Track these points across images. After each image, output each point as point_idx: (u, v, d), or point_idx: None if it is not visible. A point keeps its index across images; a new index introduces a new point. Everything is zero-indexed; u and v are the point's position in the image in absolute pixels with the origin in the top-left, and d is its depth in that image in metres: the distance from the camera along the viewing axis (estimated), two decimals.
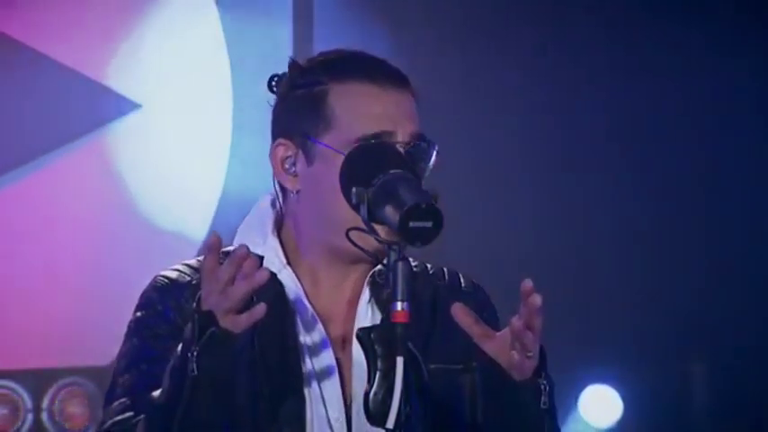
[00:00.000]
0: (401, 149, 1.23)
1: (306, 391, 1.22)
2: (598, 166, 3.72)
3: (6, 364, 3.25)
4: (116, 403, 1.20)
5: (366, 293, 1.27)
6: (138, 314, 1.27)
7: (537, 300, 1.09)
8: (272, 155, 1.30)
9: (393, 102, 1.27)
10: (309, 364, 1.24)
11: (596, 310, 3.59)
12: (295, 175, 1.29)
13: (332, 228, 1.24)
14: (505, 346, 1.13)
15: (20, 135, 3.42)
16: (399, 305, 1.06)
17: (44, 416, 3.25)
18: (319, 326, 1.25)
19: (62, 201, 3.55)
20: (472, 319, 1.14)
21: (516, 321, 1.10)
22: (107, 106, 3.59)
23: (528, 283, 1.10)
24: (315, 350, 1.25)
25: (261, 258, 1.26)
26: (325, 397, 1.23)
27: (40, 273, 3.40)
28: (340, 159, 1.22)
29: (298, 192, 1.29)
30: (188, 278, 1.27)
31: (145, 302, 1.28)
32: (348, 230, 1.15)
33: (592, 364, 3.55)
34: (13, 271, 3.32)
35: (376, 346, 1.12)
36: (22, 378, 3.24)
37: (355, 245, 1.16)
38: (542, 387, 1.16)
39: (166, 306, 1.25)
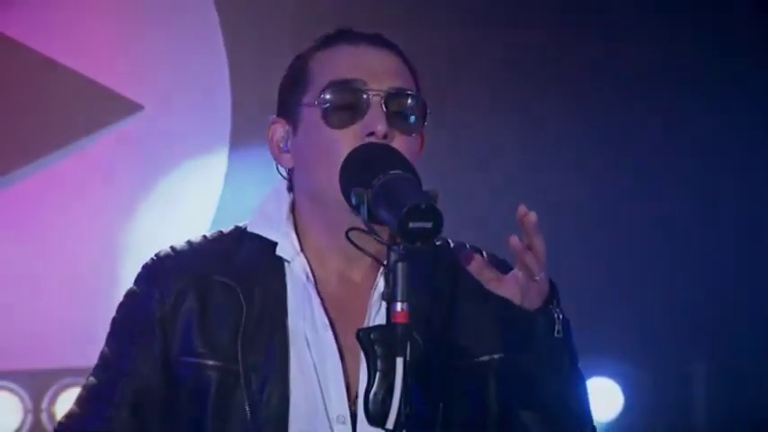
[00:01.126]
0: (374, 98, 1.23)
1: (291, 382, 1.20)
2: (605, 165, 3.74)
3: (6, 365, 3.25)
4: (77, 398, 1.26)
5: (380, 286, 1.25)
6: (130, 290, 1.30)
7: (532, 216, 1.11)
8: (269, 137, 1.31)
9: (367, 55, 1.28)
10: (304, 357, 1.22)
11: (599, 303, 3.59)
12: (288, 152, 1.29)
13: (322, 204, 1.24)
14: (517, 285, 1.14)
15: (22, 136, 3.42)
16: (399, 305, 1.06)
17: (44, 416, 3.24)
18: (324, 319, 1.23)
19: (63, 201, 3.55)
20: (482, 263, 1.14)
21: (517, 242, 1.11)
22: (109, 108, 3.59)
23: (522, 208, 1.12)
24: (316, 344, 1.22)
25: (274, 245, 1.26)
26: (325, 390, 1.21)
27: (41, 273, 3.40)
28: (317, 115, 1.23)
29: (292, 170, 1.30)
30: (175, 258, 1.28)
31: (134, 283, 1.30)
32: (348, 231, 1.15)
33: (593, 356, 3.54)
34: (13, 271, 3.32)
35: (376, 347, 1.12)
36: (22, 378, 3.24)
37: (356, 245, 1.16)
38: (556, 315, 1.17)
39: (150, 295, 1.26)
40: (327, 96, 1.23)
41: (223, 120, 3.72)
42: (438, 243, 1.31)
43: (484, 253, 1.35)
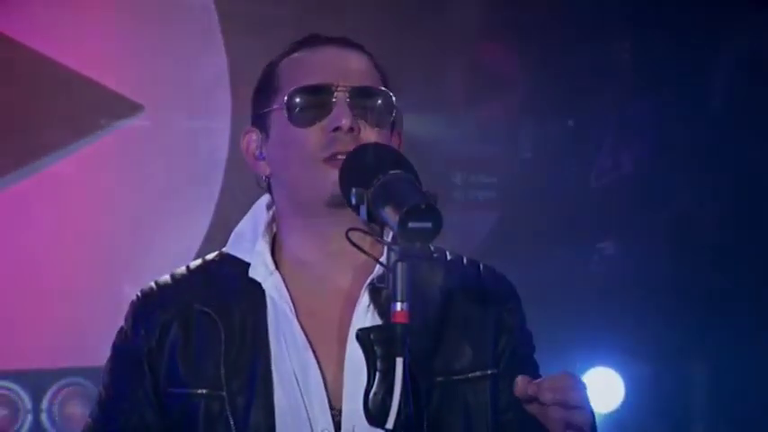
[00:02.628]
0: (339, 94, 1.23)
1: (276, 401, 1.20)
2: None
3: (6, 364, 3.24)
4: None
5: (365, 299, 1.24)
6: (120, 328, 1.30)
7: (521, 388, 1.07)
8: (243, 148, 1.32)
9: (332, 55, 1.29)
10: (286, 374, 1.21)
11: (602, 293, 3.61)
12: (263, 159, 1.29)
13: (299, 204, 1.24)
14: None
15: (21, 136, 3.42)
16: (399, 305, 1.05)
17: (44, 416, 3.24)
18: (303, 339, 1.22)
19: (63, 202, 3.55)
20: (522, 388, 1.08)
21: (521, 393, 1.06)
22: (109, 108, 3.59)
23: (519, 390, 1.07)
24: (298, 361, 1.22)
25: (247, 266, 1.26)
26: (309, 406, 1.21)
27: (41, 273, 3.40)
28: (285, 117, 1.24)
29: (270, 176, 1.30)
30: (158, 293, 1.29)
31: (124, 320, 1.30)
32: (348, 231, 1.15)
33: (595, 346, 3.55)
34: (14, 271, 3.31)
35: (376, 347, 1.11)
36: (22, 378, 3.23)
37: (354, 245, 1.15)
38: None
39: (136, 332, 1.27)
40: (294, 97, 1.24)
41: (223, 120, 3.72)
42: (435, 255, 1.30)
43: (481, 266, 1.35)
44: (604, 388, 3.52)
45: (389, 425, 1.05)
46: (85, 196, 3.56)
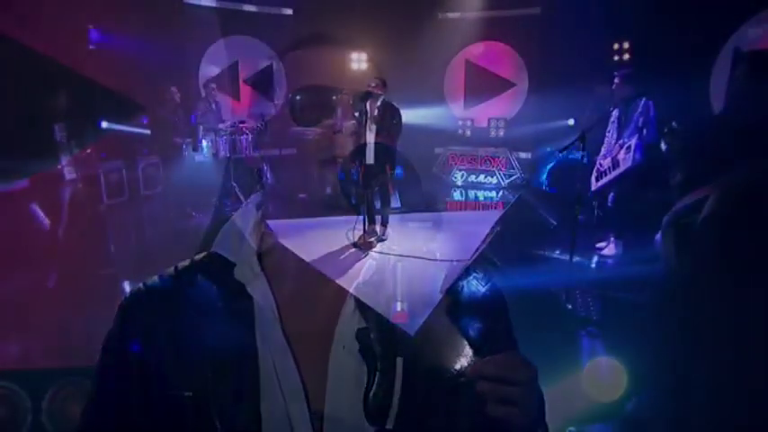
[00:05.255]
0: (343, 97, 1.22)
1: (262, 405, 1.18)
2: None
3: (6, 364, 3.25)
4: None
5: (351, 303, 1.21)
6: (109, 330, 1.28)
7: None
8: (239, 139, 1.30)
9: (337, 57, 1.27)
10: (270, 377, 1.19)
11: (601, 289, 3.62)
12: (259, 151, 1.28)
13: (294, 193, 1.21)
14: None
15: (22, 136, 3.42)
16: (399, 305, 1.05)
17: (44, 416, 3.25)
18: (284, 344, 1.20)
19: (64, 202, 3.56)
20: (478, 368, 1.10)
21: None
22: (109, 108, 3.60)
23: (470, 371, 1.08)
24: (280, 364, 1.19)
25: (233, 266, 1.25)
26: (290, 410, 1.18)
27: (42, 274, 3.41)
28: (287, 114, 1.23)
29: (263, 170, 1.29)
30: (146, 295, 1.26)
31: (113, 321, 1.28)
32: (348, 231, 1.15)
33: (596, 337, 3.55)
34: (14, 272, 3.32)
35: (375, 346, 1.11)
36: (22, 378, 3.24)
37: (354, 244, 1.15)
38: None
39: (124, 334, 1.25)
40: (297, 96, 1.23)
41: (224, 121, 3.72)
42: (429, 257, 1.28)
43: (472, 270, 1.34)
44: (607, 378, 3.53)
45: (389, 424, 1.05)
46: (86, 196, 3.57)
